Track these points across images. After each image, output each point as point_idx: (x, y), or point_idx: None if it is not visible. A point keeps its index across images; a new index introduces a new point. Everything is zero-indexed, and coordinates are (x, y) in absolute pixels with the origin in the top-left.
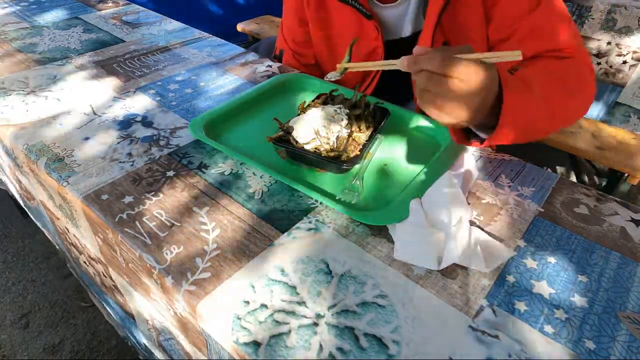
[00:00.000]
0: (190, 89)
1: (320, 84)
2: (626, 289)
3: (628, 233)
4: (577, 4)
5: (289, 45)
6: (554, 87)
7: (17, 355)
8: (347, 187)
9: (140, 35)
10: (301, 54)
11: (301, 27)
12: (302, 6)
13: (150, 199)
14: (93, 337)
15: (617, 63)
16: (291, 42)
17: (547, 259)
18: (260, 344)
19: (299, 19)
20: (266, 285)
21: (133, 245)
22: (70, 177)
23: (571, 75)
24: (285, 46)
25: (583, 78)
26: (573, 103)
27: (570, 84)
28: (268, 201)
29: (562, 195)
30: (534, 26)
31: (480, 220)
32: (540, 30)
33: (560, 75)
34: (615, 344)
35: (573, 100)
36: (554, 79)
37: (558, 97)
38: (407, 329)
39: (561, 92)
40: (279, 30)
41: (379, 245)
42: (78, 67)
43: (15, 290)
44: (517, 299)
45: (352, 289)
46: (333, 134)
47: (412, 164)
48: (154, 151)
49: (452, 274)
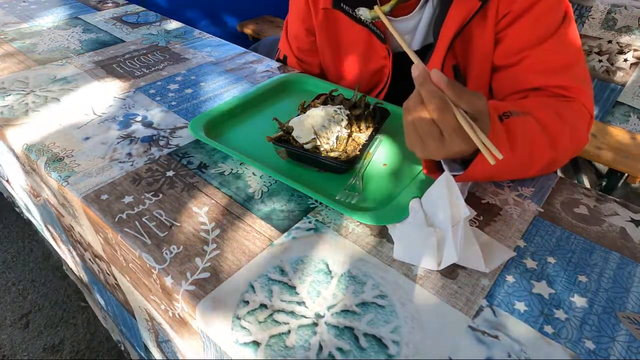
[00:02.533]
0: (190, 89)
1: (320, 84)
2: (626, 289)
3: (628, 233)
4: (577, 4)
5: (294, 52)
6: (539, 141)
7: (17, 355)
8: (347, 187)
9: (140, 35)
10: (306, 62)
11: (307, 36)
12: (309, 15)
13: (150, 199)
14: (93, 337)
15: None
16: (296, 50)
17: (546, 259)
18: (259, 344)
19: (306, 28)
20: (266, 285)
21: (133, 245)
22: (70, 177)
23: (564, 123)
24: (289, 52)
25: (577, 127)
26: (554, 154)
27: (558, 135)
28: (268, 201)
29: (562, 195)
30: (541, 59)
31: (480, 220)
32: (546, 64)
33: (551, 123)
34: (615, 344)
35: (555, 152)
36: (543, 130)
37: (540, 151)
38: (407, 329)
39: (545, 145)
40: (282, 34)
41: (379, 245)
42: (78, 67)
43: (15, 290)
44: (517, 299)
45: (351, 289)
46: (333, 134)
47: (412, 164)
48: (154, 151)
49: (452, 274)
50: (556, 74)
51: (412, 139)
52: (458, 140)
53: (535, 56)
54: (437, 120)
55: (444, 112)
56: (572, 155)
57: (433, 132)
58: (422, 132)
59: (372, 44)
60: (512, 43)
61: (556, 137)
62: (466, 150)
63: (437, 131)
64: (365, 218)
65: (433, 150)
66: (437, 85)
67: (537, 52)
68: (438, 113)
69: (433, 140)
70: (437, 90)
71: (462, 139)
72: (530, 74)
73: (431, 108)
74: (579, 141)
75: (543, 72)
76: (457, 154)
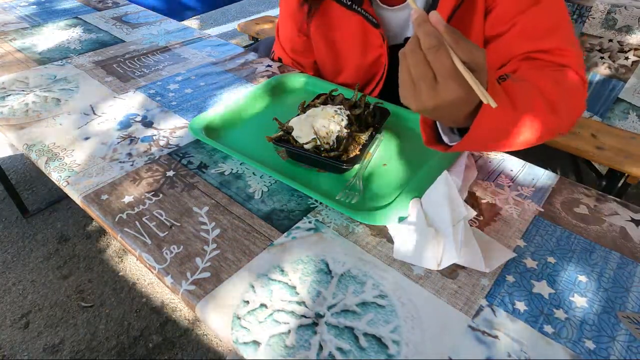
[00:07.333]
0: (190, 89)
1: (321, 84)
2: (626, 289)
3: (628, 233)
4: (577, 4)
5: (287, 54)
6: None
7: (17, 355)
8: (347, 187)
9: (140, 35)
10: (299, 64)
11: (299, 36)
12: (301, 14)
13: (150, 199)
14: (93, 337)
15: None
16: (290, 51)
17: (546, 259)
18: (259, 344)
19: (298, 29)
20: (266, 285)
21: (133, 245)
22: (70, 177)
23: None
24: (283, 54)
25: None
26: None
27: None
28: (268, 201)
29: (562, 195)
30: (530, 24)
31: (480, 220)
32: (535, 29)
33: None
34: (615, 344)
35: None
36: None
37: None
38: (407, 329)
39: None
40: (275, 36)
41: (379, 245)
42: (78, 67)
43: (15, 290)
44: (517, 299)
45: (351, 288)
46: (333, 134)
47: (412, 164)
48: (154, 151)
49: (452, 274)
50: (544, 38)
51: (405, 86)
52: (452, 84)
53: (524, 22)
54: (431, 61)
55: (438, 52)
56: (573, 120)
57: (427, 74)
58: (416, 76)
59: (367, 32)
60: (502, 10)
61: (555, 101)
62: (460, 99)
63: (430, 74)
64: (365, 218)
65: (426, 96)
66: (435, 27)
67: (526, 17)
68: (432, 52)
69: (426, 85)
70: (434, 31)
71: (457, 84)
72: (519, 40)
73: (426, 47)
74: (578, 107)
75: (532, 37)
76: (450, 104)
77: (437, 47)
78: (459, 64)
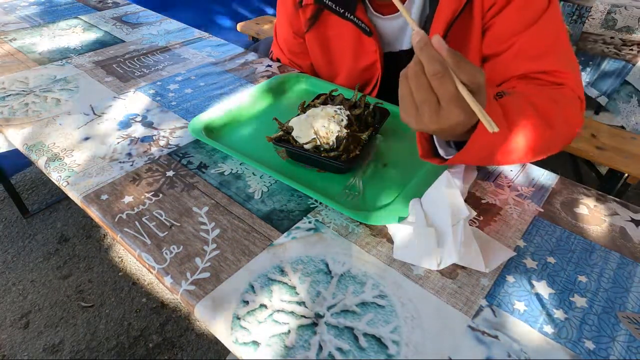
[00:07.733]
0: (190, 89)
1: (320, 84)
2: (626, 289)
3: (628, 233)
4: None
5: (285, 55)
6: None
7: (17, 355)
8: (347, 187)
9: (140, 35)
10: (297, 65)
11: (296, 39)
12: (297, 18)
13: (150, 199)
14: (93, 337)
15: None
16: (287, 53)
17: (546, 259)
18: (259, 344)
19: (294, 32)
20: (266, 285)
21: (133, 245)
22: (70, 177)
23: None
24: (281, 55)
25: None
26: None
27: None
28: (268, 201)
29: (561, 195)
30: (528, 44)
31: (480, 220)
32: (533, 50)
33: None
34: (614, 344)
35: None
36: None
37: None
38: (407, 329)
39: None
40: (273, 37)
41: (378, 245)
42: (78, 67)
43: (15, 290)
44: (517, 299)
45: (351, 289)
46: (333, 134)
47: (412, 164)
48: (154, 151)
49: (452, 274)
50: (542, 59)
51: (407, 108)
52: (456, 110)
53: (522, 42)
54: (436, 87)
55: (443, 79)
56: (569, 137)
57: (430, 100)
58: (419, 100)
59: (361, 39)
60: (499, 30)
61: (551, 118)
62: (462, 123)
63: (434, 99)
64: (366, 218)
65: (428, 120)
66: (438, 51)
67: (524, 38)
68: (437, 79)
69: (429, 109)
70: (437, 56)
71: (460, 109)
72: (517, 60)
73: (431, 73)
74: (574, 124)
75: (530, 58)
76: (452, 127)
77: (442, 74)
78: (462, 89)
